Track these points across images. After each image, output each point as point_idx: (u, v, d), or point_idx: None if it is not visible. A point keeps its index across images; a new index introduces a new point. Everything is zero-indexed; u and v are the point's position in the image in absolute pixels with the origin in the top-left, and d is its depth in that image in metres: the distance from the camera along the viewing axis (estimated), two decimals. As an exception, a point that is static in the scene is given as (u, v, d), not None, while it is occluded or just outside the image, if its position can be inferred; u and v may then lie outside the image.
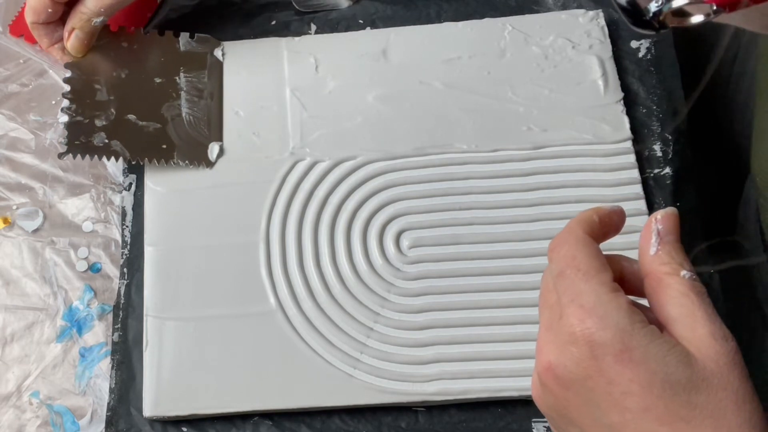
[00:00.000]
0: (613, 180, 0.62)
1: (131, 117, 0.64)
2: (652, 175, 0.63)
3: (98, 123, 0.64)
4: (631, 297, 0.42)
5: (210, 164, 0.64)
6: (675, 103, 0.65)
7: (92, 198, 0.66)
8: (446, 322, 0.59)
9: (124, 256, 0.63)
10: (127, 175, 0.65)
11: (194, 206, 0.63)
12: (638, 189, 0.62)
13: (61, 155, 0.62)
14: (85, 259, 0.64)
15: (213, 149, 0.64)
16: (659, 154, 0.64)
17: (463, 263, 0.60)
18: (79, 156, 0.62)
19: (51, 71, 0.70)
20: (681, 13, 0.33)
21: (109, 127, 0.64)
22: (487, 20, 0.68)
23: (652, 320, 0.40)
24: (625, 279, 0.44)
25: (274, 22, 0.70)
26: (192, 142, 0.64)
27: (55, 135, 0.68)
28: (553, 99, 0.65)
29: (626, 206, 0.60)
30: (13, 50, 0.71)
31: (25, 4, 0.71)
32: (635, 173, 0.62)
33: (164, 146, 0.64)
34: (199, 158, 0.64)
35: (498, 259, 0.60)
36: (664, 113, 0.65)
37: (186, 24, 0.70)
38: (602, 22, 0.67)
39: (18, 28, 0.71)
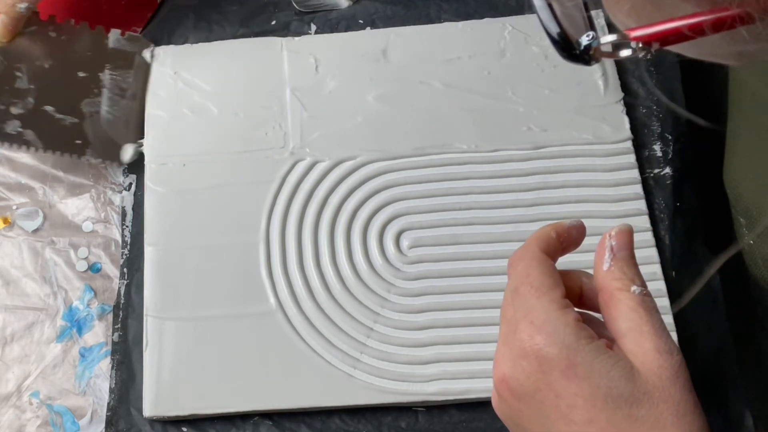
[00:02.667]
0: (613, 180, 0.62)
1: (49, 108, 0.64)
2: (652, 175, 0.63)
3: (14, 111, 0.63)
4: (590, 312, 0.44)
5: (122, 164, 0.64)
6: (675, 103, 0.65)
7: (92, 198, 0.66)
8: (446, 322, 0.59)
9: (124, 256, 0.63)
10: (127, 175, 0.65)
11: (194, 206, 0.63)
12: (638, 189, 0.62)
13: None
14: (85, 259, 0.64)
15: (127, 150, 0.64)
16: (659, 154, 0.64)
17: (463, 263, 0.60)
18: None
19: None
20: (610, 47, 0.34)
21: (26, 116, 0.64)
22: (487, 20, 0.68)
23: (605, 335, 0.42)
24: (584, 294, 0.45)
25: (274, 22, 0.70)
26: (107, 140, 0.64)
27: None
28: (553, 99, 0.65)
29: (626, 206, 0.61)
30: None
31: None
32: (635, 173, 0.62)
33: (78, 141, 0.64)
34: (112, 157, 0.64)
35: (498, 259, 0.60)
36: (664, 113, 0.65)
37: (186, 24, 0.70)
38: (602, 22, 0.67)
39: None
